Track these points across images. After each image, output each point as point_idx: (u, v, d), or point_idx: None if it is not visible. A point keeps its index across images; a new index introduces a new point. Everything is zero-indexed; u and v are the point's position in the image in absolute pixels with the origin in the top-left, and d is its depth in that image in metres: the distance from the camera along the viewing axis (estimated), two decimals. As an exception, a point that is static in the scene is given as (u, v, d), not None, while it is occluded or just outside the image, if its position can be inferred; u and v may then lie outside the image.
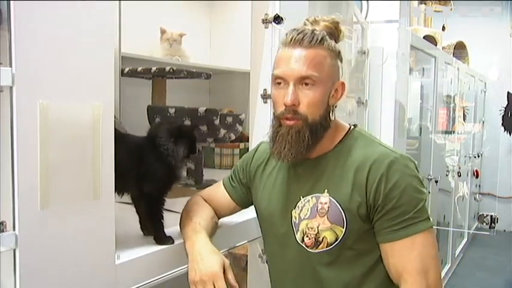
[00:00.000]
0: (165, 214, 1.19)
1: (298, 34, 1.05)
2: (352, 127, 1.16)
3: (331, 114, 1.10)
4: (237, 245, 1.42)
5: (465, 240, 4.83)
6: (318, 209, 1.08)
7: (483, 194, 5.16)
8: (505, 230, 5.11)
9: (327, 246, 1.07)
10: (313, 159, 1.12)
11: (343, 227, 1.05)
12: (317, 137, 1.08)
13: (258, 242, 1.50)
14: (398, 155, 1.06)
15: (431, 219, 1.06)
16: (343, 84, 1.11)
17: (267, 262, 1.30)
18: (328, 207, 1.06)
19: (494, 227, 3.92)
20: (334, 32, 1.10)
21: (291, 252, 1.13)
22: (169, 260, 1.15)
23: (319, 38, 1.05)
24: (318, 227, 1.07)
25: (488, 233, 4.55)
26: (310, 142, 1.06)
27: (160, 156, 1.16)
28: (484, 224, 4.52)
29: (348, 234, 1.05)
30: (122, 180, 1.06)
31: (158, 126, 1.22)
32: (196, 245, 1.08)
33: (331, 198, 1.07)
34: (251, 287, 1.59)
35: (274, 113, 1.11)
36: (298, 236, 1.11)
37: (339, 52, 1.10)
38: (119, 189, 1.13)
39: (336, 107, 1.12)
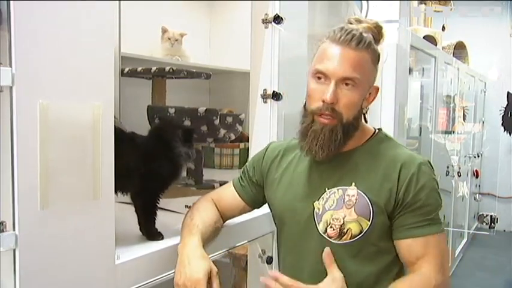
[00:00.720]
0: (164, 213, 1.19)
1: (347, 34, 1.07)
2: (377, 130, 1.21)
3: (363, 116, 1.16)
4: (237, 245, 1.42)
5: (465, 240, 4.83)
6: (345, 200, 1.10)
7: (483, 194, 5.16)
8: (504, 230, 5.11)
9: (350, 238, 1.09)
10: (339, 154, 1.14)
11: (369, 220, 1.08)
12: (348, 137, 1.11)
13: (258, 242, 1.50)
14: (425, 159, 1.13)
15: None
16: (377, 89, 1.16)
17: (267, 260, 1.29)
18: (356, 200, 1.09)
19: (494, 227, 3.93)
20: (377, 36, 1.13)
21: (311, 243, 1.14)
22: (169, 260, 1.15)
23: (367, 42, 1.08)
24: (343, 218, 1.09)
25: (488, 233, 4.56)
26: (342, 141, 1.10)
27: (167, 156, 1.18)
28: (484, 224, 4.53)
29: (373, 227, 1.08)
30: (125, 179, 1.08)
31: (168, 128, 1.24)
32: (186, 248, 1.08)
33: (359, 191, 1.09)
34: (251, 287, 1.59)
35: (306, 107, 1.13)
36: (321, 227, 1.12)
37: (379, 56, 1.13)
38: (123, 187, 1.16)
39: (368, 109, 1.18)
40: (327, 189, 1.13)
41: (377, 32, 1.13)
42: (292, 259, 1.20)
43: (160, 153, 1.18)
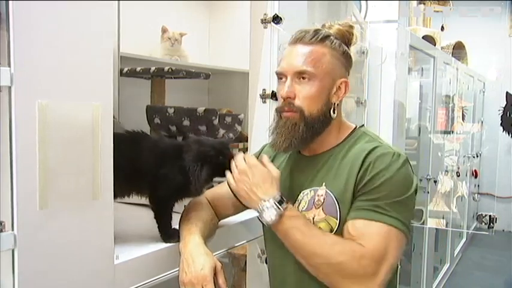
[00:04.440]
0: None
1: (301, 33, 1.09)
2: (358, 127, 1.19)
3: (331, 111, 1.12)
4: (237, 245, 1.42)
5: (464, 240, 4.84)
6: (315, 201, 1.10)
7: (482, 194, 5.16)
8: (503, 230, 5.12)
9: None
10: (316, 156, 1.15)
11: (337, 218, 1.07)
12: (313, 131, 1.10)
13: (258, 242, 1.50)
14: (394, 151, 1.07)
15: (406, 227, 1.02)
16: (346, 82, 1.13)
17: (266, 260, 1.29)
18: (324, 199, 1.09)
19: (493, 227, 3.92)
20: (347, 35, 1.13)
21: None
22: (168, 260, 1.15)
23: (320, 36, 1.08)
24: (313, 218, 1.09)
25: (487, 233, 4.56)
26: (305, 135, 1.09)
27: (184, 170, 1.15)
28: (483, 223, 4.53)
29: (342, 225, 1.06)
30: (145, 182, 1.13)
31: (193, 144, 1.18)
32: (188, 246, 1.08)
33: (327, 190, 1.09)
34: (250, 287, 1.59)
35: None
36: None
37: (344, 52, 1.12)
38: (140, 190, 1.18)
39: (338, 105, 1.13)
40: (301, 191, 1.14)
41: (347, 32, 1.13)
42: (278, 261, 1.20)
43: (182, 167, 1.15)
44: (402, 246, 1.03)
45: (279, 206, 1.03)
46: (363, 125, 1.20)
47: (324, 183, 1.10)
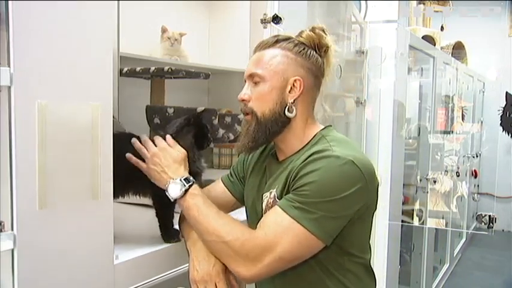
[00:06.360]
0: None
1: (260, 42, 1.15)
2: (321, 129, 1.15)
3: (287, 110, 1.10)
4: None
5: (464, 240, 4.84)
6: (269, 203, 1.11)
7: (481, 194, 5.16)
8: (503, 230, 5.12)
9: None
10: (284, 160, 1.15)
11: None
12: (268, 132, 1.11)
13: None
14: (337, 155, 1.01)
15: (320, 230, 0.98)
16: (300, 80, 1.10)
17: None
18: (272, 203, 1.10)
19: (492, 227, 3.93)
20: (317, 41, 1.13)
21: None
22: (168, 260, 1.15)
23: (273, 41, 1.12)
24: None
25: (486, 233, 4.57)
26: (257, 136, 1.11)
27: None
28: (483, 223, 4.53)
29: None
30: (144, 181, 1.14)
31: (169, 128, 1.24)
32: (197, 244, 1.08)
33: (275, 193, 1.10)
34: (250, 286, 1.59)
35: None
36: None
37: (301, 51, 1.11)
38: (141, 189, 1.20)
39: (293, 103, 1.10)
40: (263, 195, 1.15)
41: (318, 38, 1.12)
42: None
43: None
44: (306, 245, 1.00)
45: (185, 184, 1.08)
46: (327, 127, 1.16)
47: (276, 187, 1.11)
